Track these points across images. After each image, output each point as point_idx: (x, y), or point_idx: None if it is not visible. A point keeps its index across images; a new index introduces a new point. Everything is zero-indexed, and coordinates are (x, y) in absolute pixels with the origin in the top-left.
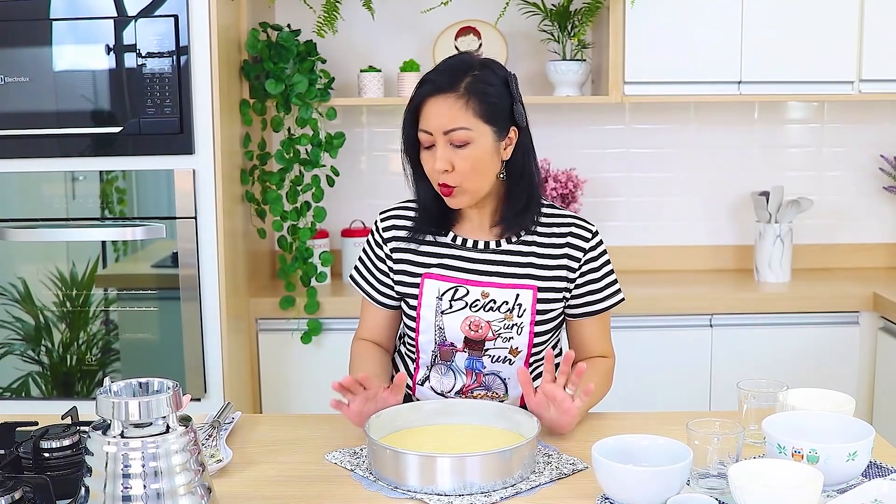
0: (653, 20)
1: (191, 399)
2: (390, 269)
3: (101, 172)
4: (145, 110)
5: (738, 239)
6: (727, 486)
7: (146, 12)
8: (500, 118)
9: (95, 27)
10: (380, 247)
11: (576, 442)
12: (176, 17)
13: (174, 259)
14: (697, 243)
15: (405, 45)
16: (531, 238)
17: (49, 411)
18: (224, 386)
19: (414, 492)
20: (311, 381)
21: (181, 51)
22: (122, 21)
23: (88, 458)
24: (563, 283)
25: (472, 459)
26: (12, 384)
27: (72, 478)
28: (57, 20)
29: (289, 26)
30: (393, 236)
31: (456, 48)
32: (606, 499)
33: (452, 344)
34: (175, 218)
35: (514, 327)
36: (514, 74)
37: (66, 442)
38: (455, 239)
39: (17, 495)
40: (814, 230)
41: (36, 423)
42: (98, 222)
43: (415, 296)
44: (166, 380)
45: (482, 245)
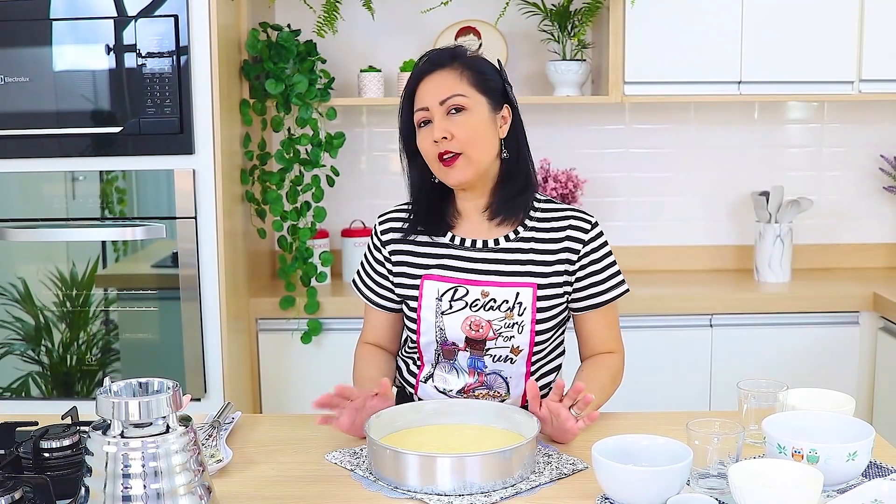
0: (653, 20)
1: (191, 399)
2: (389, 272)
3: (101, 172)
4: (145, 110)
5: (738, 239)
6: (727, 486)
7: (146, 12)
8: (494, 92)
9: (95, 27)
10: (378, 250)
11: (576, 442)
12: (176, 17)
13: (174, 259)
14: (697, 243)
15: (405, 45)
16: (530, 234)
17: (49, 411)
18: (224, 386)
19: (414, 492)
20: (311, 381)
21: (181, 51)
22: (122, 21)
23: (88, 458)
24: (564, 278)
25: (472, 459)
26: (12, 384)
27: (72, 478)
28: (57, 20)
29: (289, 26)
30: (391, 238)
31: None
32: (606, 499)
33: (454, 344)
34: (175, 218)
35: (515, 326)
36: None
37: (66, 442)
38: (453, 239)
39: (17, 495)
40: (814, 230)
41: (36, 423)
42: (98, 222)
43: (415, 297)
44: (166, 380)
45: (481, 244)
